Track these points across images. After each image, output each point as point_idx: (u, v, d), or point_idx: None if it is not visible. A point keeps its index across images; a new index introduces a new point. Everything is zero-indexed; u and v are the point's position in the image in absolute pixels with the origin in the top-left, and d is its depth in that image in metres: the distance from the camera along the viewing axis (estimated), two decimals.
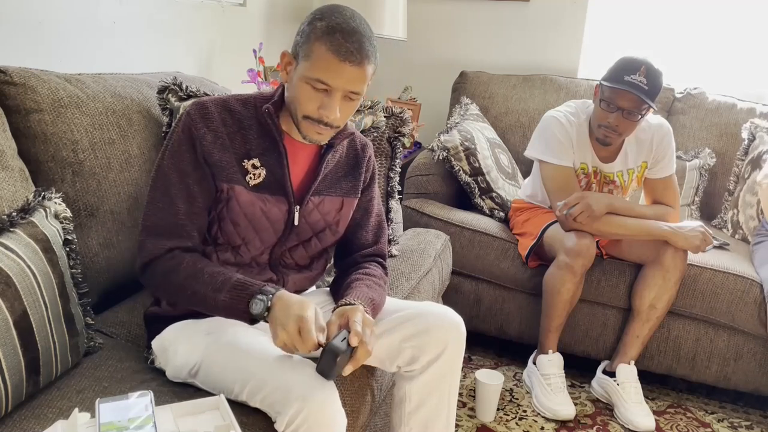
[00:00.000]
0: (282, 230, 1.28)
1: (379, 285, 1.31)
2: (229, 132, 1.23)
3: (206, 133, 1.21)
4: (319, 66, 1.14)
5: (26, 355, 1.07)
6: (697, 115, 2.67)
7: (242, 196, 1.22)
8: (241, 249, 1.26)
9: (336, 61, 1.13)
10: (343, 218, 1.36)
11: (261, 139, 1.25)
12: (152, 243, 1.19)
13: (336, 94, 1.16)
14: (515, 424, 1.96)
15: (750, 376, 2.07)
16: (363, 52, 1.14)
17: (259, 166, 1.24)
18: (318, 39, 1.14)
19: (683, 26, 2.84)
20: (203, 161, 1.21)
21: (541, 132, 2.10)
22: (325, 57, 1.13)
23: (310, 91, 1.16)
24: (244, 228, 1.24)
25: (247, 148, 1.24)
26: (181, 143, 1.21)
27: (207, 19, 2.37)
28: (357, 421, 1.28)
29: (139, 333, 1.39)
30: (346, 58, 1.13)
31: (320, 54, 1.13)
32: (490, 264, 2.23)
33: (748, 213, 2.41)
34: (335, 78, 1.14)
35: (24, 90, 1.36)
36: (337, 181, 1.34)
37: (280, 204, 1.26)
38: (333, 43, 1.12)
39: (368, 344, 1.11)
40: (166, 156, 1.21)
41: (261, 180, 1.24)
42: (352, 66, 1.14)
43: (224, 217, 1.24)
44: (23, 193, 1.26)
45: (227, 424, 0.98)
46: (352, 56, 1.13)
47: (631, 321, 2.06)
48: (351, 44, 1.13)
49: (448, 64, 3.11)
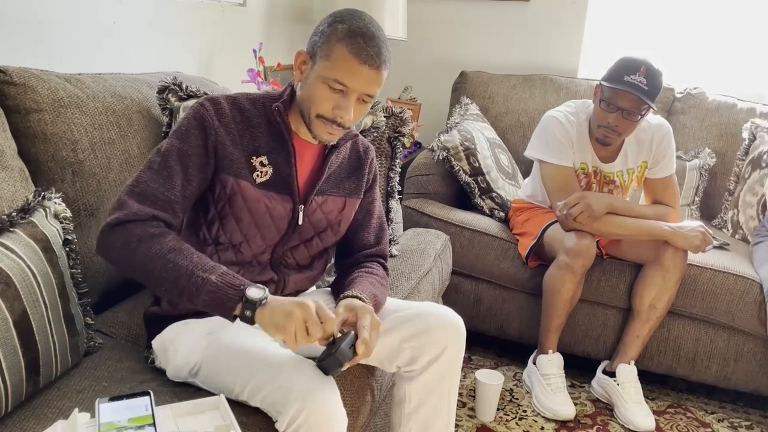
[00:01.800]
0: (285, 229, 1.28)
1: (381, 284, 1.32)
2: (239, 129, 1.24)
3: (219, 127, 1.21)
4: (338, 67, 1.16)
5: (26, 355, 1.07)
6: (697, 115, 2.67)
7: (248, 191, 1.22)
8: (242, 246, 1.26)
9: (357, 64, 1.15)
10: (345, 218, 1.36)
11: (269, 138, 1.26)
12: (137, 205, 1.13)
13: (352, 96, 1.18)
14: (515, 424, 1.96)
15: (750, 376, 2.07)
16: (381, 57, 1.17)
17: (267, 164, 1.24)
18: (339, 41, 1.16)
19: (683, 26, 2.84)
20: (213, 151, 1.20)
21: (541, 132, 2.10)
22: (346, 59, 1.15)
23: (326, 91, 1.18)
24: (246, 224, 1.24)
25: (256, 146, 1.25)
26: (191, 128, 1.20)
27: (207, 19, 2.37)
28: (357, 421, 1.28)
29: (139, 333, 1.39)
30: (366, 62, 1.15)
31: (341, 55, 1.16)
32: (490, 264, 2.23)
33: (748, 213, 2.41)
34: (353, 80, 1.16)
35: (24, 90, 1.36)
36: (341, 181, 1.35)
37: (284, 203, 1.26)
38: (354, 46, 1.15)
39: (372, 347, 1.11)
40: (173, 137, 1.20)
41: (267, 178, 1.24)
42: (371, 69, 1.16)
43: (227, 214, 1.23)
44: (23, 193, 1.26)
45: (227, 424, 0.98)
46: (371, 60, 1.16)
47: (631, 321, 2.06)
48: (371, 48, 1.16)
49: (448, 64, 3.11)
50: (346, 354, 1.06)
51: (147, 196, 1.15)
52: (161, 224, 1.14)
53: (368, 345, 1.09)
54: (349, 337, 1.09)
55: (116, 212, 1.13)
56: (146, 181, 1.16)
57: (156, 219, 1.14)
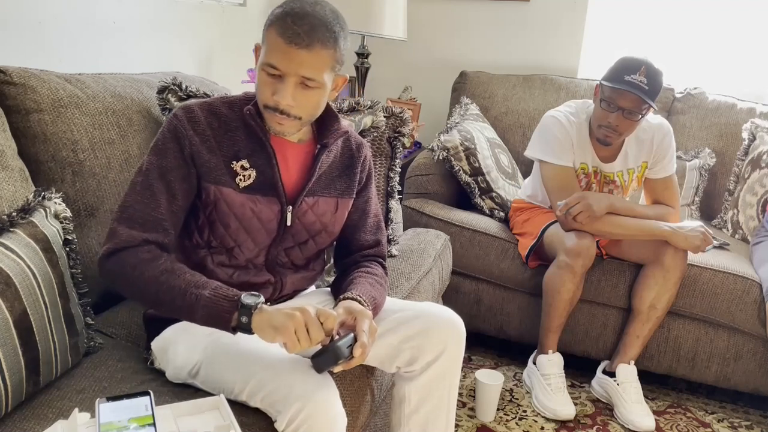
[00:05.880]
0: (275, 231, 1.26)
1: (380, 284, 1.31)
2: (216, 135, 1.21)
3: (194, 135, 1.19)
4: (270, 50, 1.13)
5: (26, 355, 1.07)
6: (697, 115, 2.67)
7: (231, 197, 1.21)
8: (234, 251, 1.25)
9: (284, 44, 1.11)
10: (338, 220, 1.34)
11: (248, 140, 1.23)
12: (127, 232, 1.14)
13: (288, 80, 1.14)
14: (515, 424, 1.96)
15: (750, 376, 2.07)
16: (313, 36, 1.11)
17: (249, 167, 1.22)
18: (272, 24, 1.14)
19: (683, 26, 2.83)
20: (190, 161, 1.19)
21: (541, 132, 2.10)
22: (276, 40, 1.12)
23: (265, 78, 1.16)
24: (235, 230, 1.23)
25: (235, 150, 1.22)
26: (167, 141, 1.19)
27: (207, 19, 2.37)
28: (357, 421, 1.28)
29: (139, 333, 1.39)
30: (293, 41, 1.11)
31: (272, 38, 1.13)
32: (490, 264, 2.23)
33: (748, 213, 2.41)
34: (283, 62, 1.12)
35: (24, 90, 1.36)
36: (332, 181, 1.32)
37: (271, 205, 1.24)
38: (282, 27, 1.12)
39: (367, 352, 1.10)
40: (151, 153, 1.20)
41: (251, 181, 1.22)
42: (300, 49, 1.11)
43: (215, 220, 1.22)
44: (23, 193, 1.26)
45: (227, 424, 0.98)
46: (299, 38, 1.10)
47: (631, 321, 2.06)
48: (299, 27, 1.11)
49: (448, 64, 3.11)
50: (343, 352, 1.06)
51: (135, 219, 1.15)
52: (153, 247, 1.15)
53: (365, 347, 1.09)
54: (348, 338, 1.09)
55: (108, 242, 1.15)
56: (132, 205, 1.16)
57: (147, 243, 1.14)
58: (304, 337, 1.03)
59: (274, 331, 1.04)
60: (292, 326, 1.03)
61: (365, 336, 1.10)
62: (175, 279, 1.10)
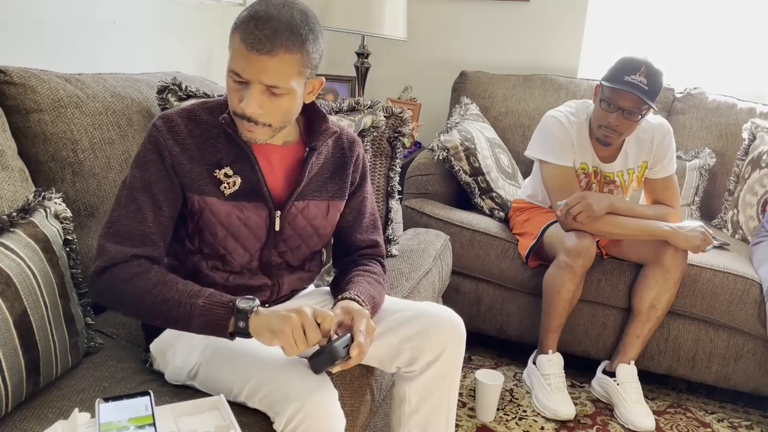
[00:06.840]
0: (265, 237, 1.24)
1: (379, 283, 1.31)
2: (197, 143, 1.18)
3: (174, 145, 1.17)
4: (233, 56, 1.09)
5: (26, 355, 1.07)
6: (697, 115, 2.67)
7: (216, 206, 1.18)
8: (227, 258, 1.23)
9: (245, 50, 1.06)
10: (330, 223, 1.32)
11: (230, 147, 1.20)
12: (115, 248, 1.12)
13: (253, 87, 1.09)
14: (515, 424, 1.96)
15: (750, 376, 2.07)
16: (275, 41, 1.05)
17: (233, 174, 1.19)
18: (236, 29, 1.09)
19: (683, 26, 2.83)
20: (172, 171, 1.17)
21: (541, 132, 2.10)
22: (238, 47, 1.08)
23: (232, 84, 1.11)
24: (223, 238, 1.21)
25: (218, 158, 1.19)
26: (148, 153, 1.17)
27: (207, 19, 2.37)
28: (356, 421, 1.28)
29: (139, 334, 1.39)
30: (254, 47, 1.05)
31: (235, 44, 1.09)
32: (490, 264, 2.23)
33: (748, 213, 2.41)
34: (246, 69, 1.08)
35: (24, 90, 1.36)
36: (323, 183, 1.29)
37: (259, 210, 1.22)
38: (244, 32, 1.07)
39: (365, 352, 1.10)
40: (133, 167, 1.18)
41: (237, 188, 1.20)
42: (261, 55, 1.06)
43: (203, 229, 1.20)
44: (23, 193, 1.26)
45: (227, 424, 0.98)
46: (260, 44, 1.05)
47: (631, 321, 2.06)
48: (261, 32, 1.05)
49: (448, 64, 3.11)
50: (340, 352, 1.06)
51: (123, 235, 1.14)
52: (143, 260, 1.13)
53: (362, 348, 1.08)
54: (345, 338, 1.08)
55: (98, 259, 1.13)
56: (118, 220, 1.15)
57: (136, 257, 1.13)
58: (301, 339, 1.03)
59: (271, 334, 1.04)
60: (289, 329, 1.02)
61: (362, 336, 1.09)
62: (168, 290, 1.09)
